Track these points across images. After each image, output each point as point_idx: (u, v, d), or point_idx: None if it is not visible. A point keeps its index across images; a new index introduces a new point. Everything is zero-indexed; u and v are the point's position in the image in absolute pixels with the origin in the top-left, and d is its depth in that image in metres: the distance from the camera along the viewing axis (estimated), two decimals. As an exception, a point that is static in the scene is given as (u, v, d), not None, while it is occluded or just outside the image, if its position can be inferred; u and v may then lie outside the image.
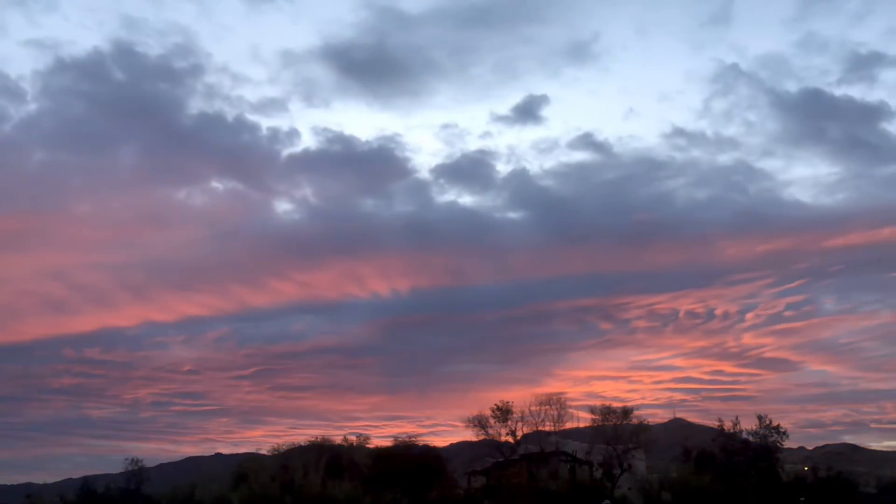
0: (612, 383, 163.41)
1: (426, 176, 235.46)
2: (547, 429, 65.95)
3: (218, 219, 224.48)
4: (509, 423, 65.33)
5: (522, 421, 65.56)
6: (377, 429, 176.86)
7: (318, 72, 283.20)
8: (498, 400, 66.13)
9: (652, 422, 70.30)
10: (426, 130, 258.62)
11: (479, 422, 65.69)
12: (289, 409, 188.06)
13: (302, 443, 68.33)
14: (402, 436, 70.13)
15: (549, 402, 66.11)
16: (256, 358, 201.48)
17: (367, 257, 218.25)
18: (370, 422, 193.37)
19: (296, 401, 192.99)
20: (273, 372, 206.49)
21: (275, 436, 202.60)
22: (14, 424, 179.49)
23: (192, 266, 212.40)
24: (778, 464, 61.92)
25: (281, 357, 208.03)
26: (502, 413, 65.35)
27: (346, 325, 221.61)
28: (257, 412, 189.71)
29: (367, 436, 69.93)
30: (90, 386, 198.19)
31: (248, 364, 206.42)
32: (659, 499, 60.01)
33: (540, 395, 68.03)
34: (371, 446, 68.08)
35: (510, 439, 65.74)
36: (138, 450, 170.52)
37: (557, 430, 66.64)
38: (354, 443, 68.04)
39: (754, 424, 62.00)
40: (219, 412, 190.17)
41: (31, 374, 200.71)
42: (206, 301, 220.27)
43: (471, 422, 65.94)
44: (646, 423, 66.98)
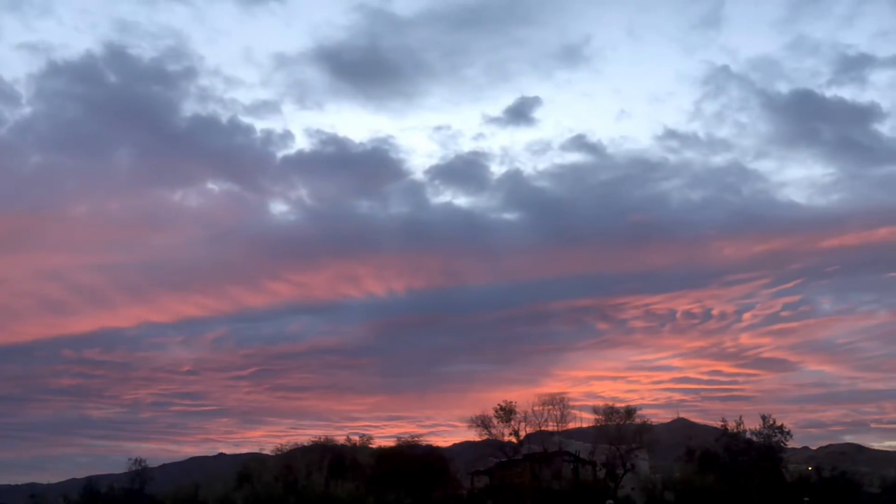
0: (611, 383, 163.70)
1: (420, 177, 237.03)
2: (550, 429, 66.04)
3: (214, 220, 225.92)
4: (512, 423, 65.48)
5: (525, 421, 65.72)
6: (377, 429, 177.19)
7: (310, 74, 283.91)
8: (496, 400, 66.44)
9: (655, 422, 70.11)
10: (419, 132, 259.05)
11: (483, 422, 65.79)
12: (288, 410, 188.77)
13: (305, 443, 68.47)
14: (404, 436, 70.31)
15: (551, 402, 66.24)
16: (255, 358, 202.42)
17: (364, 258, 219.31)
18: (370, 422, 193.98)
19: (295, 401, 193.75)
20: (272, 372, 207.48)
21: (275, 436, 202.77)
22: (15, 425, 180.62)
23: (189, 267, 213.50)
24: (781, 464, 61.73)
25: (279, 357, 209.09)
26: (505, 413, 65.39)
27: (343, 326, 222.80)
28: (257, 412, 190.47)
29: (369, 436, 70.12)
30: (90, 386, 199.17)
31: (246, 364, 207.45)
32: (662, 499, 59.89)
33: (543, 395, 68.21)
34: (374, 446, 68.21)
35: (513, 439, 65.80)
36: (139, 450, 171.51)
37: (560, 430, 66.72)
38: (357, 443, 68.15)
39: (758, 424, 61.93)
40: (219, 412, 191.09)
41: (30, 374, 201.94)
42: (204, 302, 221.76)
43: (474, 422, 66.07)
44: (649, 423, 66.97)
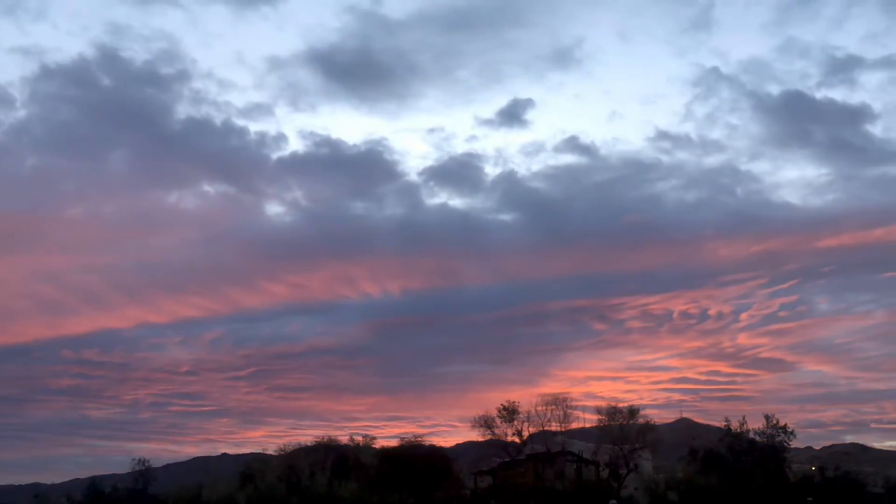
0: (610, 384, 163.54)
1: (415, 179, 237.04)
2: (553, 429, 65.99)
3: (210, 221, 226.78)
4: (515, 424, 65.46)
5: (528, 421, 65.69)
6: (377, 429, 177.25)
7: (303, 76, 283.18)
8: (495, 400, 66.52)
9: (658, 422, 70.05)
10: (413, 134, 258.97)
11: (486, 422, 65.77)
12: (288, 410, 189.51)
13: (308, 443, 68.51)
14: (407, 436, 70.29)
15: (554, 402, 66.22)
16: (253, 359, 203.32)
17: (360, 259, 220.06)
18: (370, 422, 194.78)
19: (294, 401, 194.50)
20: (270, 372, 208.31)
21: (276, 436, 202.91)
22: (16, 425, 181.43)
23: (186, 268, 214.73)
24: (785, 464, 61.63)
25: (277, 358, 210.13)
26: (508, 413, 65.37)
27: (340, 327, 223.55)
28: (257, 413, 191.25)
29: (372, 436, 70.13)
30: (89, 387, 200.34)
31: (245, 365, 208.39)
32: (665, 499, 59.85)
33: (546, 395, 68.18)
34: (377, 447, 68.21)
35: (516, 439, 65.78)
36: (140, 450, 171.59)
37: (564, 430, 66.66)
38: (361, 443, 68.16)
39: (761, 424, 61.83)
40: (218, 413, 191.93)
41: (30, 375, 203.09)
42: (201, 303, 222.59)
43: (477, 422, 66.08)
44: (652, 422, 66.93)
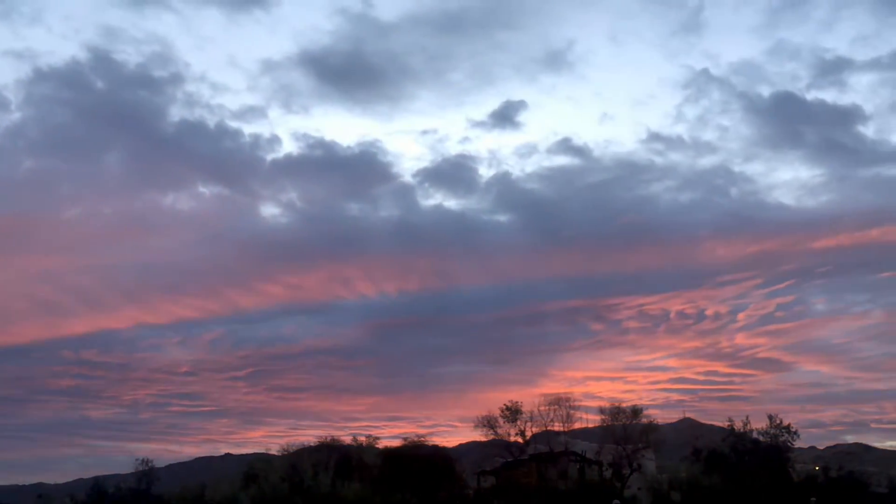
0: (608, 384, 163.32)
1: (409, 180, 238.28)
2: (556, 429, 66.02)
3: (206, 223, 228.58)
4: (518, 424, 65.43)
5: (531, 421, 65.68)
6: (377, 429, 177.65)
7: (296, 78, 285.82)
8: (494, 400, 66.76)
9: (661, 422, 70.05)
10: (406, 135, 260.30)
11: (489, 422, 65.77)
12: (287, 410, 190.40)
13: (311, 443, 68.49)
14: (410, 436, 70.26)
15: (557, 402, 66.18)
16: (251, 359, 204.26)
17: (356, 260, 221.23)
18: (370, 422, 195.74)
19: (293, 402, 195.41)
20: (269, 373, 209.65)
21: (276, 436, 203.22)
22: (17, 426, 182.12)
23: (183, 269, 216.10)
24: (788, 464, 61.54)
25: (276, 358, 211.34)
26: (511, 413, 65.35)
27: (337, 328, 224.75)
28: (256, 413, 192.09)
29: (375, 436, 70.11)
30: (89, 387, 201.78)
31: (243, 365, 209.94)
32: (669, 499, 59.79)
33: (549, 395, 68.18)
34: (380, 447, 68.19)
35: (519, 439, 65.76)
36: (141, 450, 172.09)
37: (567, 430, 66.64)
38: (364, 443, 68.12)
39: (764, 424, 61.76)
40: (218, 413, 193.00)
41: (29, 375, 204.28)
42: (198, 304, 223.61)
43: (480, 422, 66.05)
44: (655, 423, 66.91)
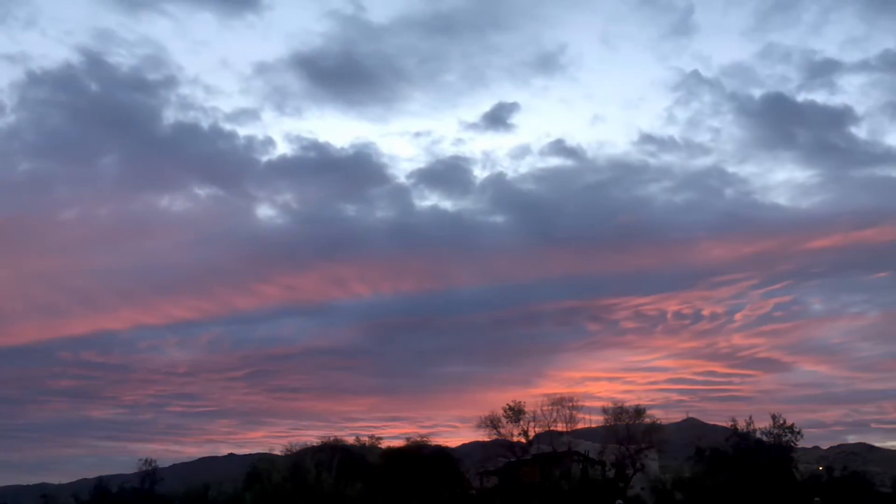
0: (606, 384, 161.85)
1: (404, 181, 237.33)
2: (559, 429, 65.95)
3: (202, 224, 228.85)
4: (521, 424, 65.37)
5: (534, 421, 65.63)
6: (378, 429, 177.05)
7: (288, 80, 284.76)
8: (493, 401, 66.82)
9: (664, 421, 69.87)
10: (400, 137, 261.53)
11: (491, 422, 65.73)
12: (287, 411, 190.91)
13: (314, 443, 68.55)
14: (412, 436, 70.25)
15: (560, 402, 66.13)
16: (250, 360, 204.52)
17: (353, 262, 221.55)
18: (370, 422, 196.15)
19: (293, 402, 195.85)
20: (267, 373, 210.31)
21: (277, 436, 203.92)
22: (18, 426, 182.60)
23: (180, 271, 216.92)
24: (792, 463, 61.40)
25: (274, 359, 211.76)
26: (514, 413, 65.32)
27: (335, 328, 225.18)
28: (256, 413, 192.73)
29: (378, 436, 70.12)
30: (89, 388, 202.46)
31: (242, 366, 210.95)
32: (672, 499, 59.77)
33: (552, 395, 68.09)
34: (383, 447, 68.20)
35: (522, 440, 65.69)
36: (143, 450, 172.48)
37: (569, 430, 66.60)
38: (367, 443, 68.17)
39: (767, 424, 61.63)
40: (218, 413, 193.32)
41: (29, 376, 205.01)
42: (195, 304, 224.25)
43: (483, 422, 66.02)
44: (658, 422, 66.79)
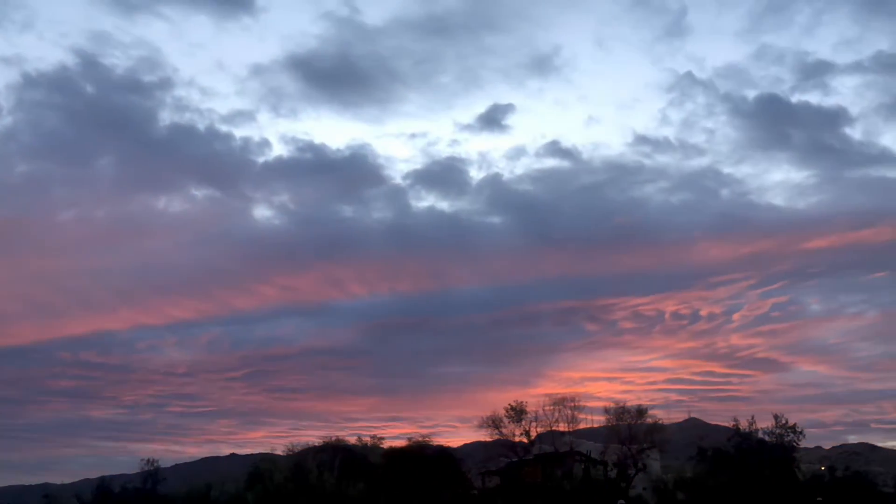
0: (605, 384, 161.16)
1: (400, 182, 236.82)
2: (561, 429, 65.93)
3: (199, 225, 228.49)
4: (523, 424, 65.41)
5: (536, 421, 65.66)
6: (378, 429, 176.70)
7: (284, 82, 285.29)
8: (492, 401, 66.81)
9: (666, 421, 69.85)
10: (396, 138, 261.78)
11: (493, 422, 65.74)
12: (286, 411, 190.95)
13: (315, 443, 68.54)
14: (413, 436, 70.23)
15: (562, 402, 66.12)
16: (249, 360, 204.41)
17: (350, 262, 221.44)
18: (370, 423, 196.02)
19: (292, 402, 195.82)
20: (267, 374, 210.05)
21: (277, 436, 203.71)
22: (19, 426, 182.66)
23: (178, 271, 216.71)
24: (794, 463, 61.35)
25: (273, 359, 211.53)
26: (516, 413, 65.33)
27: (333, 329, 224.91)
28: (256, 413, 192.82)
29: (380, 436, 70.07)
30: (89, 388, 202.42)
31: (241, 366, 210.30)
32: (674, 498, 59.73)
33: (554, 395, 68.10)
34: (385, 447, 68.14)
35: (524, 439, 65.71)
36: (144, 450, 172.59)
37: (571, 430, 66.61)
38: (368, 443, 68.14)
39: (769, 423, 61.59)
40: (218, 413, 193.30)
41: (28, 377, 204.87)
42: (194, 305, 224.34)
43: (485, 422, 66.03)
44: (660, 422, 66.74)
